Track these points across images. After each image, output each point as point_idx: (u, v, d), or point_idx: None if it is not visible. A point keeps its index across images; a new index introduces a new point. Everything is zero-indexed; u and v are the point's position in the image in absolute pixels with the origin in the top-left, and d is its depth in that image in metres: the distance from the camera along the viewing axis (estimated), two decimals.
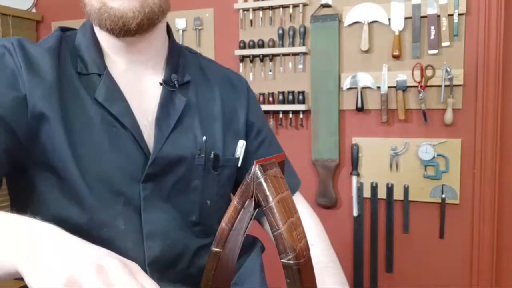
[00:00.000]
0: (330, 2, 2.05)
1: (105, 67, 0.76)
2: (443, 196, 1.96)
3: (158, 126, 0.76)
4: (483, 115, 1.87)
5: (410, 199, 2.02)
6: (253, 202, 0.52)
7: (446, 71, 1.88)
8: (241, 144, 0.86)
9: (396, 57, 1.96)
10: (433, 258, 2.03)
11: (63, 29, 0.81)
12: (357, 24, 2.03)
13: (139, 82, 0.79)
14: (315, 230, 0.92)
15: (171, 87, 0.80)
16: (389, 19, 1.96)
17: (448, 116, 1.89)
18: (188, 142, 0.78)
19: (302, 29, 2.10)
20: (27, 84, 0.68)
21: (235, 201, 0.54)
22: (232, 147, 0.85)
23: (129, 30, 0.71)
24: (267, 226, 0.93)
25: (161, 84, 0.79)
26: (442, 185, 1.96)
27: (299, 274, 0.48)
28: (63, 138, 0.69)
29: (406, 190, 2.02)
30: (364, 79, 2.02)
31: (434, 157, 1.95)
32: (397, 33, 1.95)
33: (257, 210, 0.53)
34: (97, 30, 0.78)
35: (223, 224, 0.55)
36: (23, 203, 0.75)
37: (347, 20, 2.04)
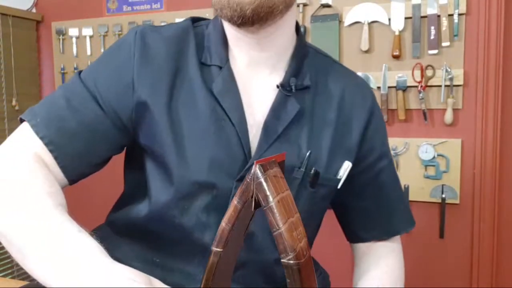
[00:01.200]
0: (330, 2, 2.05)
1: (227, 60, 0.76)
2: (443, 196, 1.95)
3: (265, 130, 0.74)
4: (483, 115, 1.87)
5: (410, 199, 2.02)
6: (253, 202, 0.52)
7: (446, 71, 1.88)
8: (346, 166, 0.79)
9: (396, 57, 1.96)
10: (433, 258, 2.03)
11: (195, 19, 0.82)
12: (357, 24, 2.03)
13: (256, 80, 0.78)
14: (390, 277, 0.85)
15: (288, 91, 0.76)
16: (389, 19, 1.96)
17: (448, 116, 1.89)
18: (291, 152, 0.75)
19: (302, 29, 2.09)
20: (136, 72, 0.73)
21: (235, 201, 0.54)
22: (337, 165, 0.79)
23: (246, 17, 0.68)
24: None
25: (278, 86, 0.76)
26: (442, 185, 1.96)
27: (299, 274, 0.48)
28: (166, 127, 0.72)
29: (406, 190, 2.02)
30: (364, 79, 2.01)
31: (434, 157, 1.95)
32: (397, 33, 1.95)
33: (257, 209, 0.53)
34: (224, 23, 0.78)
35: (223, 224, 0.55)
36: (132, 184, 0.81)
37: (347, 20, 2.03)
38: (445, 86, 1.89)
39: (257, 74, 0.78)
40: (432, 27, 1.89)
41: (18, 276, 2.49)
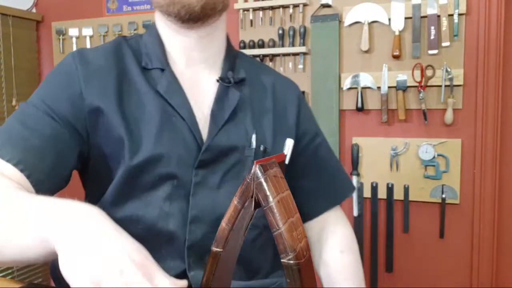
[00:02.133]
0: (330, 2, 2.05)
1: (168, 63, 0.82)
2: (443, 196, 1.96)
3: (212, 118, 0.80)
4: (483, 115, 1.87)
5: (410, 199, 2.02)
6: (253, 202, 0.52)
7: (446, 71, 1.88)
8: (289, 143, 0.86)
9: (396, 57, 1.96)
10: (433, 258, 2.03)
11: (124, 37, 0.88)
12: (357, 24, 2.03)
13: (197, 79, 0.84)
14: (347, 239, 0.95)
15: (227, 83, 0.84)
16: (389, 19, 1.96)
17: (448, 116, 1.89)
18: (240, 134, 0.82)
19: (302, 29, 2.10)
20: (83, 83, 0.76)
21: (235, 201, 0.54)
22: (281, 144, 0.87)
23: (194, 13, 0.76)
24: None
25: (218, 80, 0.84)
26: (442, 185, 1.96)
27: (299, 274, 0.48)
28: (120, 127, 0.75)
29: (406, 190, 2.02)
30: (364, 79, 2.02)
31: (434, 157, 1.95)
32: (397, 33, 1.95)
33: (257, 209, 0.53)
34: (161, 27, 0.84)
35: (223, 224, 0.55)
36: (93, 194, 0.82)
37: (347, 20, 2.04)
38: (445, 86, 1.89)
39: (197, 73, 0.85)
40: (432, 27, 1.89)
41: (18, 276, 2.49)
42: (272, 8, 2.14)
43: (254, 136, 0.83)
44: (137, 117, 0.77)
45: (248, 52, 2.16)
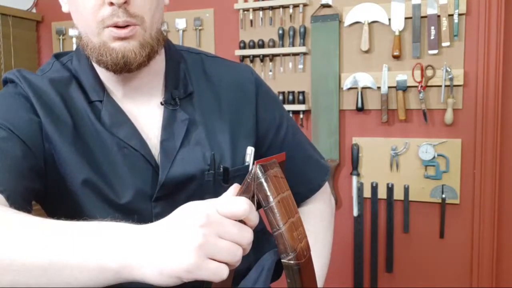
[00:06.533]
0: (330, 2, 2.05)
1: (104, 91, 0.77)
2: (443, 196, 1.96)
3: (163, 149, 0.76)
4: (483, 115, 1.87)
5: (410, 199, 2.02)
6: (254, 202, 0.52)
7: (446, 71, 1.88)
8: (250, 151, 0.83)
9: (396, 57, 1.96)
10: (433, 258, 2.03)
11: (57, 56, 0.82)
12: (357, 24, 2.03)
13: (139, 106, 0.79)
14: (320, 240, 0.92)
15: (173, 105, 0.78)
16: (389, 19, 1.96)
17: (448, 116, 1.89)
18: (196, 159, 0.77)
19: (302, 29, 2.10)
20: (38, 111, 0.71)
21: None
22: (241, 154, 0.83)
23: (130, 70, 0.72)
24: None
25: (162, 104, 0.79)
26: (442, 185, 1.96)
27: (300, 274, 0.48)
28: (75, 162, 0.71)
29: (406, 190, 2.02)
30: (364, 79, 2.02)
31: (434, 157, 1.95)
32: (397, 33, 1.95)
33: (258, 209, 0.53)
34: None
35: None
36: None
37: (347, 20, 2.04)
38: (445, 86, 1.89)
39: (138, 101, 0.79)
40: (432, 27, 1.89)
41: None
42: (272, 8, 2.14)
43: (211, 159, 0.78)
44: (92, 150, 0.73)
45: (248, 52, 2.17)
